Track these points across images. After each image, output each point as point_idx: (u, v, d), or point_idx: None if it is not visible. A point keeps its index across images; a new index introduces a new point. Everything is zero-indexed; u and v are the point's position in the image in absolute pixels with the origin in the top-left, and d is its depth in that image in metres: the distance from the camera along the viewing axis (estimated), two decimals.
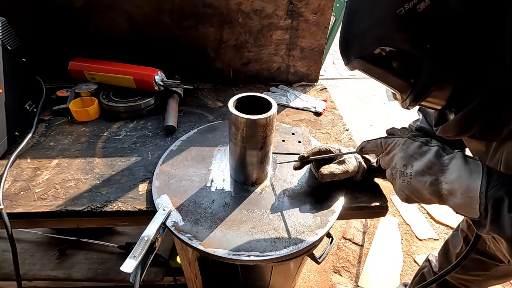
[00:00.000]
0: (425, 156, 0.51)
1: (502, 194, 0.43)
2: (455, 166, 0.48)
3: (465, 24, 0.41)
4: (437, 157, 0.50)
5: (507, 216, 0.42)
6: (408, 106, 0.53)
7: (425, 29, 0.43)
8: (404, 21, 0.43)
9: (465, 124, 0.49)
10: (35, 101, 0.99)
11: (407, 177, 0.53)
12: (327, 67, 3.82)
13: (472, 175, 0.46)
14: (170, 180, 0.75)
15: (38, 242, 1.16)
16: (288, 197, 0.72)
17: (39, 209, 0.69)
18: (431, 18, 0.42)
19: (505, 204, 0.43)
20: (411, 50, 0.45)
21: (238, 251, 0.60)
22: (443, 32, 0.43)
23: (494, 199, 0.44)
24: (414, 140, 0.53)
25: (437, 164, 0.50)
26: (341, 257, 1.69)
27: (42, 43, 1.10)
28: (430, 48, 0.44)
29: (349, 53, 0.53)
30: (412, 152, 0.53)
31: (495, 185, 0.44)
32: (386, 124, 2.78)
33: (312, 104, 1.12)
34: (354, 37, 0.51)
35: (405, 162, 0.53)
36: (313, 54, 1.23)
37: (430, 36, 0.43)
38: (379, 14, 0.46)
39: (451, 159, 0.49)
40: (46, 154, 0.85)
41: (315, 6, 1.11)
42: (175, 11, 1.09)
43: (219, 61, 1.23)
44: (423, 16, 0.42)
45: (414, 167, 0.52)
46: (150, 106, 1.05)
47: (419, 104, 0.52)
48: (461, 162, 0.48)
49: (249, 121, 0.61)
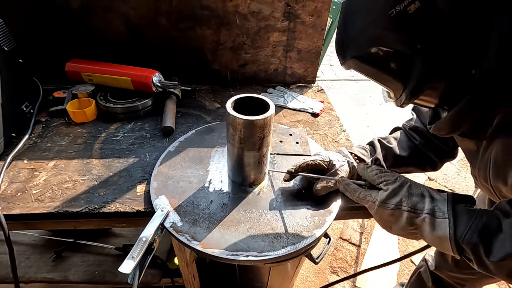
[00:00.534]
0: (399, 221, 0.55)
1: (475, 240, 0.46)
2: (426, 231, 0.52)
3: (453, 25, 0.43)
4: (409, 222, 0.53)
5: (487, 261, 0.45)
6: (402, 104, 0.55)
7: (416, 29, 0.45)
8: (396, 22, 0.45)
9: (456, 122, 0.50)
10: (32, 102, 0.99)
11: (389, 230, 0.58)
12: (324, 68, 3.84)
13: (442, 242, 0.50)
14: (168, 181, 0.75)
15: (34, 244, 1.15)
16: (285, 197, 0.72)
17: (36, 211, 0.69)
18: (421, 19, 0.44)
19: (481, 250, 0.45)
20: (403, 50, 0.47)
21: (236, 252, 0.60)
22: (433, 33, 0.44)
23: (470, 246, 0.47)
24: (385, 208, 0.56)
25: (412, 227, 0.54)
26: (339, 257, 1.69)
27: (39, 44, 1.10)
28: (421, 48, 0.45)
29: (345, 53, 0.54)
30: (386, 218, 0.57)
31: (467, 231, 0.47)
32: (383, 125, 2.81)
33: (309, 105, 1.13)
34: (349, 38, 0.53)
35: (383, 226, 0.58)
36: (310, 56, 1.24)
37: (420, 36, 0.45)
38: (372, 16, 0.48)
39: (422, 222, 0.52)
40: (43, 156, 0.85)
41: (312, 8, 1.12)
42: (172, 13, 1.09)
43: (217, 62, 1.23)
44: (414, 17, 0.44)
45: (393, 229, 0.57)
46: (148, 107, 1.05)
47: (412, 102, 0.53)
48: (429, 228, 0.51)
49: (247, 122, 0.62)
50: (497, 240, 0.45)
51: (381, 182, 0.59)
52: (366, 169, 0.64)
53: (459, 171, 2.25)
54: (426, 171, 0.84)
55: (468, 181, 2.15)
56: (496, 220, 0.47)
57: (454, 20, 0.43)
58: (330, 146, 0.96)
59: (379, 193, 0.58)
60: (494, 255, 0.44)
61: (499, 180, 0.52)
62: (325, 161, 0.71)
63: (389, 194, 0.56)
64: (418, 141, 0.78)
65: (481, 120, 0.49)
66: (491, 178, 0.54)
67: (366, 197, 0.59)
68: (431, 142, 0.77)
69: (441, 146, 0.76)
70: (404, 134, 0.82)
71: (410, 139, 0.80)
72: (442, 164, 0.81)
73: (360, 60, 0.52)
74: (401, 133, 0.82)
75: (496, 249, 0.44)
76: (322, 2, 1.11)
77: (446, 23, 0.43)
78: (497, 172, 0.52)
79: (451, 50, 0.45)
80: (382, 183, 0.59)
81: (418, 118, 0.79)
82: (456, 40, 0.44)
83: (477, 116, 0.47)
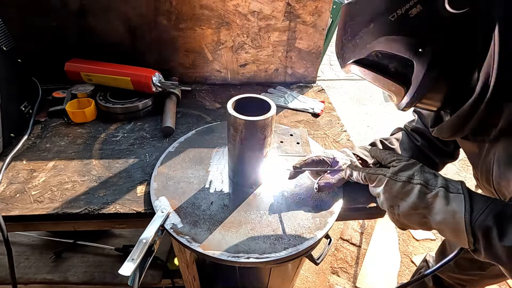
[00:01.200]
0: (409, 197, 0.51)
1: (489, 223, 0.44)
2: (438, 206, 0.48)
3: (454, 28, 0.42)
4: (421, 197, 0.50)
5: (499, 245, 0.43)
6: (403, 108, 0.54)
7: (417, 33, 0.44)
8: (397, 26, 0.45)
9: (459, 125, 0.50)
10: (31, 103, 0.98)
11: (395, 215, 0.54)
12: (324, 68, 3.84)
13: (456, 217, 0.46)
14: (168, 182, 0.75)
15: (33, 245, 1.15)
16: (286, 198, 0.72)
17: (35, 212, 0.68)
18: (423, 22, 0.43)
19: (494, 233, 0.43)
20: (404, 54, 0.47)
21: (237, 253, 0.59)
22: (435, 36, 0.44)
23: (482, 229, 0.44)
24: (396, 179, 0.53)
25: (422, 204, 0.50)
26: (339, 258, 1.69)
27: (38, 44, 1.09)
28: (422, 51, 0.45)
29: (345, 57, 0.54)
30: (396, 192, 0.53)
31: (481, 213, 0.45)
32: (383, 125, 2.80)
33: (310, 105, 1.13)
34: (349, 41, 0.52)
35: (391, 203, 0.54)
36: (311, 56, 1.24)
37: (422, 40, 0.44)
38: (373, 19, 0.47)
39: (434, 198, 0.49)
40: (42, 156, 0.84)
41: (313, 8, 1.12)
42: (172, 13, 1.09)
43: (217, 62, 1.23)
44: (415, 21, 0.43)
45: (401, 208, 0.53)
46: (148, 107, 1.05)
47: (414, 106, 0.53)
48: (443, 202, 0.48)
49: (248, 122, 0.61)
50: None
51: (393, 160, 0.58)
52: (379, 150, 0.64)
53: (460, 171, 2.25)
54: None
55: (469, 181, 2.15)
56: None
57: (455, 23, 0.42)
58: (331, 146, 0.95)
59: (390, 168, 0.56)
60: (508, 239, 0.42)
61: (502, 183, 0.51)
62: (329, 158, 0.71)
63: (402, 167, 0.54)
64: (420, 142, 0.78)
65: (484, 123, 0.48)
66: (494, 180, 0.54)
67: (377, 171, 0.57)
68: (433, 144, 0.77)
69: (442, 147, 0.76)
70: (405, 135, 0.81)
71: (412, 140, 0.79)
72: (443, 165, 0.81)
73: (361, 64, 0.52)
74: (403, 134, 0.82)
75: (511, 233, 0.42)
76: (322, 2, 1.11)
77: (447, 26, 0.42)
78: (499, 175, 0.51)
79: (453, 53, 0.45)
80: (394, 161, 0.58)
81: (420, 120, 0.79)
82: (458, 43, 0.44)
83: (481, 118, 0.46)
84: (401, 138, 0.81)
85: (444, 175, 0.52)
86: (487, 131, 0.50)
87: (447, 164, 0.83)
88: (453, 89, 0.48)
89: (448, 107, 0.53)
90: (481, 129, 0.50)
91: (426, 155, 0.78)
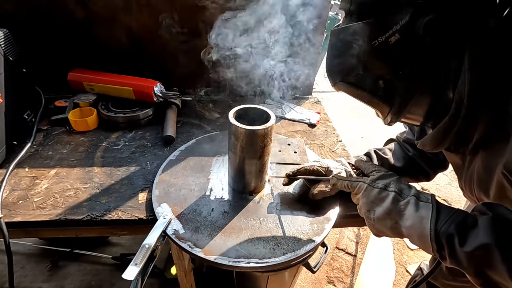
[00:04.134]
0: (384, 202, 0.57)
1: (451, 231, 0.49)
2: (409, 212, 0.54)
3: (430, 53, 0.48)
4: (394, 203, 0.56)
5: (460, 251, 0.48)
6: (389, 123, 0.59)
7: (397, 58, 0.50)
8: (379, 51, 0.50)
9: (439, 139, 0.54)
10: (34, 111, 1.00)
11: (371, 220, 0.60)
12: (319, 80, 3.92)
13: (423, 222, 0.52)
14: (170, 189, 0.76)
15: (29, 254, 1.14)
16: (285, 205, 0.74)
17: (38, 218, 0.69)
18: (401, 49, 0.48)
19: (456, 240, 0.48)
20: (386, 76, 0.52)
21: (238, 258, 0.61)
22: (412, 61, 0.49)
23: (446, 236, 0.49)
24: (374, 186, 0.60)
25: (395, 210, 0.56)
26: (335, 267, 1.70)
27: (43, 54, 1.12)
28: (402, 74, 0.50)
29: (334, 77, 0.59)
30: (373, 198, 0.59)
31: (445, 222, 0.50)
32: (377, 135, 2.86)
33: (306, 116, 1.16)
34: (338, 64, 0.57)
35: (368, 208, 0.60)
36: (307, 68, 1.28)
37: (401, 64, 0.50)
38: (358, 44, 0.52)
39: (406, 205, 0.55)
40: (44, 164, 0.86)
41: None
42: (174, 25, 1.13)
43: (217, 73, 1.26)
44: (394, 47, 0.48)
45: (376, 213, 0.58)
46: (149, 116, 1.07)
47: (398, 121, 0.58)
48: (413, 209, 0.54)
49: (249, 131, 0.64)
50: (472, 232, 0.48)
51: (374, 170, 0.65)
52: (362, 161, 0.71)
53: (451, 181, 2.30)
54: (420, 181, 0.87)
55: (460, 191, 2.19)
56: (473, 217, 0.50)
57: (430, 49, 0.47)
58: (327, 156, 0.98)
59: (370, 176, 0.63)
60: (468, 245, 0.47)
61: (482, 193, 0.56)
62: (323, 167, 0.74)
63: (380, 176, 0.61)
64: (412, 152, 0.81)
65: (461, 137, 0.52)
66: (475, 191, 0.58)
67: (358, 179, 0.63)
68: (424, 154, 0.80)
69: (432, 158, 0.80)
70: (398, 146, 0.85)
71: (404, 150, 0.83)
72: (435, 175, 0.84)
73: (348, 83, 0.57)
74: (395, 144, 0.86)
75: (470, 239, 0.47)
76: (318, 20, 1.16)
77: (423, 52, 0.48)
78: (480, 186, 0.56)
79: (430, 75, 0.50)
80: (374, 170, 0.65)
81: (410, 131, 0.82)
82: (433, 67, 0.49)
83: (459, 132, 0.51)
84: (394, 149, 0.85)
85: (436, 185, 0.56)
86: (467, 143, 0.54)
87: (439, 174, 0.86)
88: (432, 106, 0.53)
89: (430, 122, 0.57)
90: (461, 142, 0.54)
91: (418, 164, 0.81)
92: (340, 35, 0.55)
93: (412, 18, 0.45)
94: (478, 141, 0.51)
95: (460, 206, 1.79)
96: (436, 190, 2.20)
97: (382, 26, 0.48)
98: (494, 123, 0.48)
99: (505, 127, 0.45)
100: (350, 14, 0.53)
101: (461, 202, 2.06)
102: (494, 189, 0.51)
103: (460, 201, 2.09)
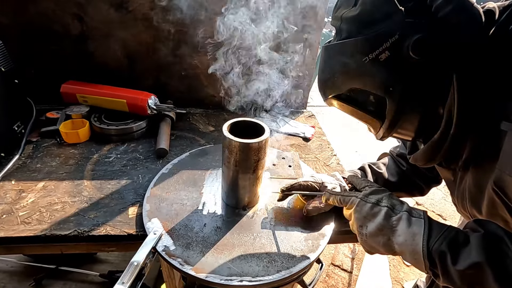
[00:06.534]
0: (376, 218, 0.56)
1: (444, 248, 0.48)
2: (401, 228, 0.54)
3: (419, 70, 0.48)
4: (386, 219, 0.55)
5: (453, 269, 0.47)
6: (381, 138, 0.59)
7: (387, 74, 0.50)
8: (369, 68, 0.51)
9: (430, 154, 0.54)
10: (24, 122, 0.98)
11: (363, 236, 0.58)
12: (313, 94, 3.98)
13: (415, 239, 0.51)
14: (161, 204, 0.74)
15: (11, 271, 1.09)
16: (279, 220, 0.73)
17: (22, 234, 0.66)
18: (391, 66, 0.49)
19: (448, 258, 0.48)
20: (377, 92, 0.52)
21: (230, 276, 0.59)
22: (402, 77, 0.50)
23: (438, 253, 0.49)
24: (366, 201, 0.59)
25: (387, 226, 0.55)
26: (331, 284, 1.65)
27: (37, 66, 1.11)
28: (392, 90, 0.50)
29: (326, 92, 0.60)
30: (365, 213, 0.58)
31: (437, 240, 0.50)
32: (371, 150, 2.88)
33: (301, 130, 1.17)
34: (329, 79, 0.57)
35: (360, 223, 0.59)
36: (301, 83, 1.30)
37: (391, 80, 0.50)
38: (349, 61, 0.53)
39: (398, 221, 0.54)
40: (32, 176, 0.83)
41: (303, 40, 1.19)
42: (170, 40, 1.14)
43: (211, 87, 1.27)
44: (385, 64, 0.49)
45: (368, 229, 0.57)
46: (142, 129, 1.06)
47: (390, 136, 0.58)
48: (406, 224, 0.53)
49: (243, 145, 0.63)
50: (464, 250, 0.47)
51: (366, 185, 0.64)
52: (354, 176, 0.70)
53: (445, 196, 2.30)
54: (414, 196, 0.86)
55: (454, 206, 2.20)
56: (465, 234, 0.50)
57: (419, 67, 0.48)
58: (321, 170, 0.98)
59: (362, 191, 0.62)
60: (460, 264, 0.46)
61: (474, 209, 0.56)
62: (317, 183, 0.73)
63: (373, 191, 0.60)
64: (405, 167, 0.81)
65: (453, 153, 0.52)
66: (468, 207, 0.57)
67: (350, 194, 0.62)
68: (417, 169, 0.80)
69: (426, 172, 0.80)
70: (392, 160, 0.85)
71: (398, 165, 0.83)
72: (429, 190, 0.84)
73: (339, 99, 0.57)
74: (389, 159, 0.86)
75: (462, 258, 0.46)
76: (312, 35, 1.19)
77: (413, 69, 0.48)
78: (472, 202, 0.55)
79: (419, 91, 0.50)
80: (367, 186, 0.64)
81: (404, 146, 0.83)
82: (423, 83, 0.49)
83: (449, 149, 0.51)
84: (388, 163, 0.84)
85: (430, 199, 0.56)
86: (457, 160, 0.54)
87: (433, 188, 0.86)
88: (423, 121, 0.53)
89: (421, 137, 0.57)
90: (451, 159, 0.55)
91: (412, 179, 0.81)
92: (331, 51, 0.56)
93: (401, 36, 0.46)
94: (468, 159, 0.52)
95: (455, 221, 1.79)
96: (431, 205, 2.20)
97: (373, 44, 0.48)
98: (482, 141, 0.48)
99: (494, 145, 0.46)
100: (340, 31, 0.54)
101: (455, 217, 2.06)
102: (485, 205, 0.51)
103: (454, 216, 2.09)
